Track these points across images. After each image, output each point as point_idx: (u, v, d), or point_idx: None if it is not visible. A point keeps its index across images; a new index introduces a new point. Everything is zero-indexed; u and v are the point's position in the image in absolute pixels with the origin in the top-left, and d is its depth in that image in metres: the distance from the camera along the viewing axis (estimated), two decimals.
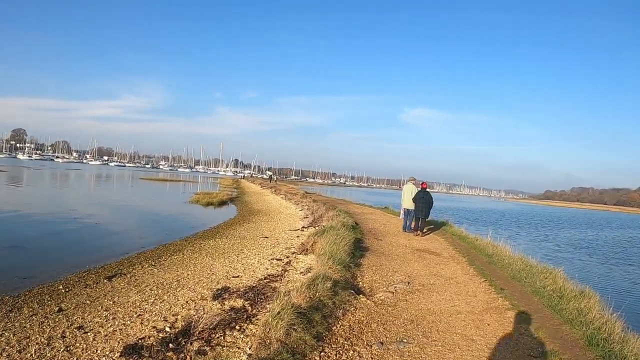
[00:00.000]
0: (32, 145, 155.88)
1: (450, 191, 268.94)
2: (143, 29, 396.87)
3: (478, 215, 48.81)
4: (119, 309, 6.87)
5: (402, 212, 15.04)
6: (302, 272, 8.29)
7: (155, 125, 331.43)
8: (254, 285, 7.74)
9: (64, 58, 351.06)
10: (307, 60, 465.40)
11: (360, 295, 6.17)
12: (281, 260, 9.87)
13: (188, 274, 9.01)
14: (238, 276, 8.64)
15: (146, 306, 6.96)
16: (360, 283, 7.35)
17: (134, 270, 9.70)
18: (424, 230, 14.12)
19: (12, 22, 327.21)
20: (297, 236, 13.93)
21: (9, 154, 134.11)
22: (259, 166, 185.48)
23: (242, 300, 6.67)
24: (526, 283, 7.59)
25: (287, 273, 8.53)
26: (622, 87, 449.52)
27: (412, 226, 14.19)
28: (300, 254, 10.20)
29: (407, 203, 14.43)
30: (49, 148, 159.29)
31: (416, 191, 14.13)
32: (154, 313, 6.54)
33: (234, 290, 7.43)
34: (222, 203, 30.15)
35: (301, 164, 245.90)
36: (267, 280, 8.03)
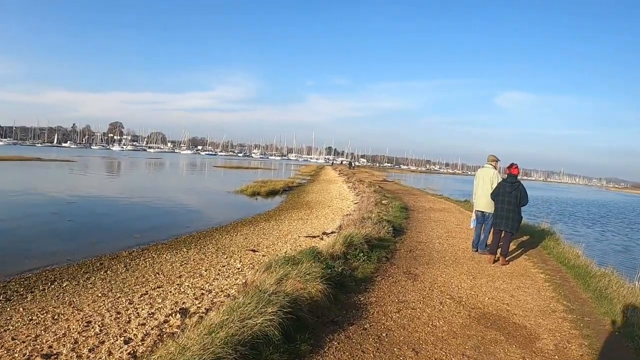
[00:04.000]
0: (129, 137, 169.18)
1: (548, 179, 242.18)
2: (236, 21, 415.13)
3: (577, 208, 38.98)
4: None
5: (473, 215, 8.95)
6: None
7: (249, 114, 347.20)
8: None
9: (160, 53, 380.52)
10: (397, 44, 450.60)
11: None
12: (185, 314, 5.21)
13: None
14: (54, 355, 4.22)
15: None
16: None
17: None
18: (508, 252, 8.13)
19: (113, 21, 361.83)
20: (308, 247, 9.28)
21: (102, 146, 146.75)
22: (352, 153, 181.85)
23: None
24: None
25: None
26: None
27: (488, 243, 8.47)
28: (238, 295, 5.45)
29: (482, 201, 8.49)
30: (145, 139, 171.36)
31: (498, 180, 8.28)
32: None
33: None
34: (272, 193, 26.22)
35: (394, 150, 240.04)
36: None
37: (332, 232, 10.86)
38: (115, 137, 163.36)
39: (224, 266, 8.23)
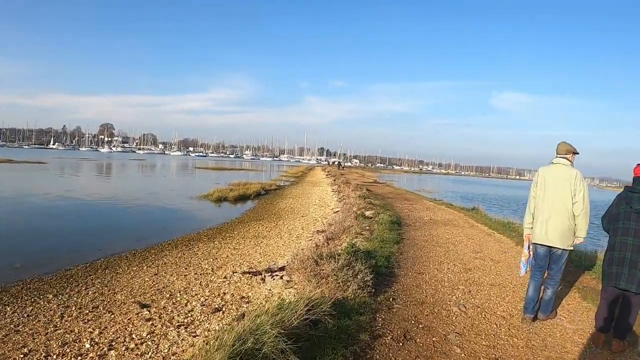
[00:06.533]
0: (119, 139, 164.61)
1: None
2: (232, 23, 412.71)
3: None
4: None
5: (526, 252, 4.56)
6: None
7: (245, 116, 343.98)
8: None
9: (155, 55, 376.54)
10: (397, 47, 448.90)
11: None
12: None
13: None
14: None
15: None
16: None
17: None
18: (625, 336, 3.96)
19: (107, 24, 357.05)
20: (239, 298, 5.65)
21: (91, 148, 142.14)
22: (344, 154, 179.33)
23: None
24: None
25: None
26: None
27: (546, 308, 4.50)
28: None
29: (556, 227, 4.21)
30: (136, 141, 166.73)
31: (585, 187, 4.22)
32: None
33: None
34: (241, 198, 22.52)
35: (388, 151, 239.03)
36: None
37: (281, 268, 7.18)
38: (105, 139, 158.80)
39: (64, 345, 4.55)
